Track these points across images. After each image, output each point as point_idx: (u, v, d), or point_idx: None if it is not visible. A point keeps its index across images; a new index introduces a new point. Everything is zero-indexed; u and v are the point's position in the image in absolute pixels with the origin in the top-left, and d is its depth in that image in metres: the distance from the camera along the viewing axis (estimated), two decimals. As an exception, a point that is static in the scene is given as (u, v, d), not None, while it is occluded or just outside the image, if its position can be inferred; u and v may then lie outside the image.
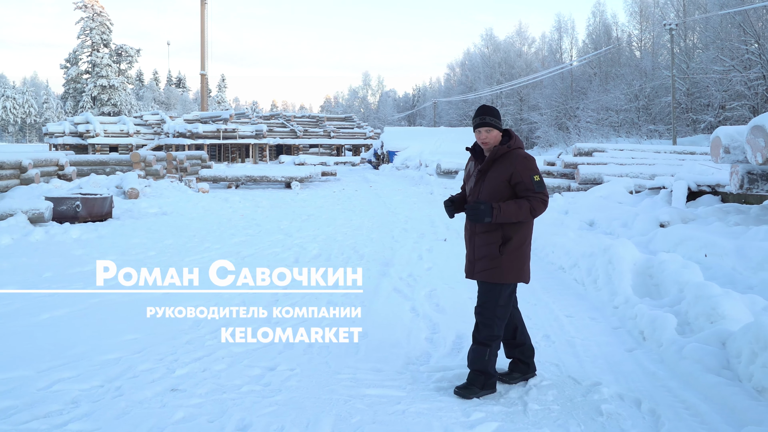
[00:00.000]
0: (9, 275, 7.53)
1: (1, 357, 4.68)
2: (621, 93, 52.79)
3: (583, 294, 6.83)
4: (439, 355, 4.86)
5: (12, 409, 3.80)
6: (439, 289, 7.03)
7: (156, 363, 4.65)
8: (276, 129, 57.07)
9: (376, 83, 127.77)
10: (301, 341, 5.15)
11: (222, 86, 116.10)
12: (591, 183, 16.64)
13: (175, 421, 3.69)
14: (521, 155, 4.01)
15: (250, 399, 4.01)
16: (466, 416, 3.77)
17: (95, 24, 74.32)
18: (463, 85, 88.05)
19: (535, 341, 5.19)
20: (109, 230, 11.40)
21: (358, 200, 18.76)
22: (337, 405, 3.92)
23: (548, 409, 3.89)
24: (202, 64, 68.00)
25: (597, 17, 67.48)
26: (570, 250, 8.02)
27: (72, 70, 75.12)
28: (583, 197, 13.75)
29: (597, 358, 4.84)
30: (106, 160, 22.23)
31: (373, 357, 4.77)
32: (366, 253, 9.30)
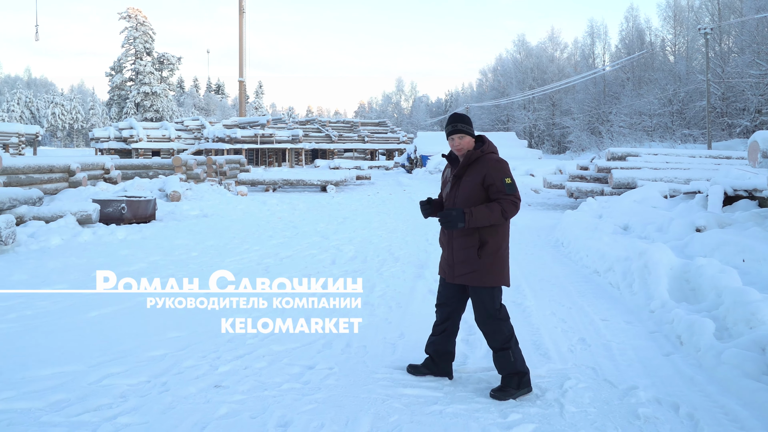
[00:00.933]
0: (60, 274, 7.73)
1: (53, 352, 4.80)
2: (654, 97, 51.85)
3: (619, 298, 6.72)
4: (475, 357, 4.84)
5: (64, 402, 3.91)
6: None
7: (199, 360, 4.72)
8: (311, 134, 57.51)
9: (409, 89, 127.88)
10: (339, 341, 5.18)
11: (259, 92, 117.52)
12: (625, 187, 16.36)
13: (219, 417, 3.74)
14: (494, 159, 4.04)
15: (290, 396, 4.04)
16: (503, 417, 3.75)
17: (138, 33, 75.86)
18: (496, 90, 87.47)
19: (570, 344, 5.14)
20: (153, 231, 11.61)
21: (393, 203, 18.78)
22: (375, 404, 3.93)
23: (585, 412, 3.83)
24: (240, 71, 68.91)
25: (630, 22, 66.48)
26: (605, 254, 7.90)
27: (117, 78, 76.78)
28: (617, 201, 13.53)
29: (633, 361, 4.76)
30: (149, 164, 22.68)
31: (410, 357, 4.77)
32: (401, 256, 9.30)
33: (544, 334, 5.43)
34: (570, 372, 4.51)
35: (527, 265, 8.61)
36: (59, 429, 3.53)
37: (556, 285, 7.40)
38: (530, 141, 73.13)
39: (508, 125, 79.28)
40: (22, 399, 3.92)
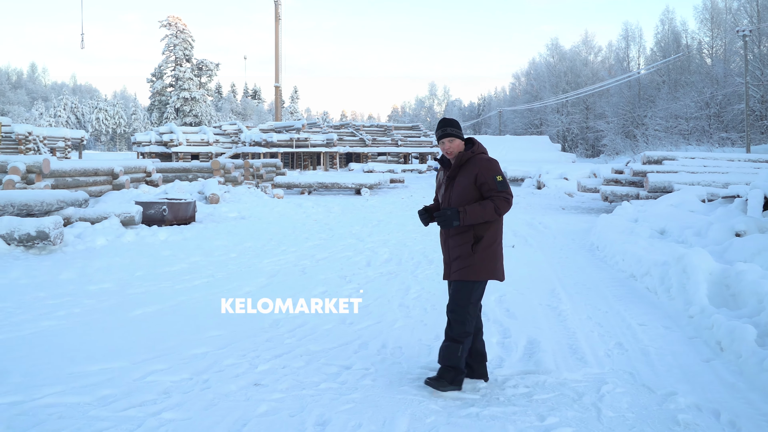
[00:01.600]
0: (105, 273, 7.91)
1: (100, 349, 4.91)
2: (691, 101, 50.73)
3: (656, 303, 6.59)
4: (511, 360, 4.80)
5: (111, 397, 3.99)
6: (509, 294, 6.93)
7: (239, 359, 4.78)
8: (346, 138, 57.77)
9: (442, 93, 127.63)
10: (375, 342, 5.19)
11: (295, 97, 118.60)
12: (661, 191, 16.04)
13: (259, 414, 3.78)
14: (484, 158, 4.12)
15: (327, 396, 4.06)
16: (540, 420, 3.70)
17: (178, 41, 77.29)
18: (529, 94, 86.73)
19: (607, 348, 5.06)
20: (194, 233, 11.79)
21: (426, 207, 18.74)
22: (411, 405, 3.92)
23: (623, 417, 3.77)
24: (276, 76, 69.66)
25: (666, 25, 65.20)
26: (641, 258, 7.76)
27: (157, 84, 78.33)
28: (653, 205, 13.27)
29: (672, 367, 4.66)
30: (188, 167, 23.06)
31: (445, 359, 4.75)
32: (435, 258, 9.26)
33: (580, 337, 5.35)
34: (607, 376, 4.44)
35: (562, 269, 8.50)
36: (106, 423, 3.61)
37: (591, 289, 7.29)
38: (564, 144, 72.29)
39: (541, 129, 78.49)
40: (71, 393, 4.02)
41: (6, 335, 5.22)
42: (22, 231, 9.22)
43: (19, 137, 45.23)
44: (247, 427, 3.59)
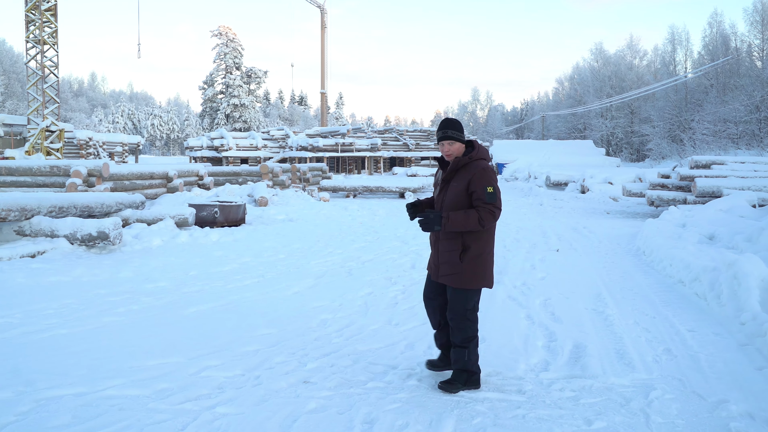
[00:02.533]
0: (161, 272, 8.12)
1: (158, 344, 5.04)
2: (740, 104, 48.99)
3: (706, 309, 6.38)
4: (558, 364, 4.72)
5: (168, 391, 4.09)
6: (554, 298, 6.82)
7: (289, 356, 4.84)
8: (389, 142, 57.87)
9: (485, 98, 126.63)
10: (421, 343, 5.18)
11: (340, 103, 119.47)
12: (709, 196, 15.53)
13: (308, 411, 3.82)
14: (480, 166, 4.02)
15: (374, 395, 4.07)
16: (587, 424, 3.63)
17: (229, 49, 78.83)
18: (572, 98, 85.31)
19: (655, 354, 4.93)
20: (244, 234, 11.99)
21: (469, 210, 18.61)
22: (458, 406, 3.90)
23: (672, 423, 3.66)
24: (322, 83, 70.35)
25: (714, 28, 63.17)
26: (690, 263, 7.52)
27: (209, 91, 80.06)
28: (701, 210, 12.87)
29: (723, 374, 4.50)
30: (238, 171, 23.49)
31: (492, 362, 4.71)
32: (479, 262, 9.19)
33: (627, 343, 5.22)
34: (655, 382, 4.32)
35: (607, 274, 8.32)
36: (164, 416, 3.70)
37: (638, 294, 7.11)
38: (608, 149, 70.76)
39: (584, 133, 77.06)
40: (131, 386, 4.14)
41: (71, 330, 5.42)
42: (84, 231, 9.54)
43: (81, 142, 46.88)
44: (297, 423, 3.63)
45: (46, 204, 10.03)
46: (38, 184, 15.39)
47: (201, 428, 3.54)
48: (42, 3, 37.65)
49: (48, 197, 10.28)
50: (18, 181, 15.58)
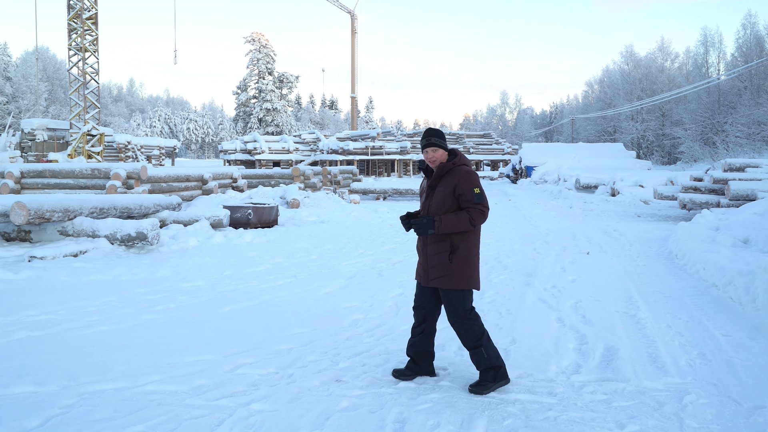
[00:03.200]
0: (197, 272, 8.24)
1: (194, 342, 5.12)
2: (775, 106, 47.66)
3: (741, 313, 6.21)
4: (589, 366, 4.64)
5: (205, 387, 4.15)
6: (585, 301, 6.72)
7: (321, 355, 4.86)
8: (419, 145, 57.83)
9: (514, 101, 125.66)
10: (452, 344, 5.15)
11: (370, 107, 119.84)
12: (743, 199, 15.12)
13: (341, 409, 3.82)
14: (464, 170, 4.12)
15: (406, 395, 4.06)
16: (620, 428, 3.57)
17: (261, 55, 79.76)
18: (602, 101, 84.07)
19: (689, 358, 4.82)
20: (276, 236, 12.10)
21: (499, 213, 18.47)
22: (489, 407, 3.86)
23: (707, 428, 3.57)
24: (353, 87, 70.63)
25: (748, 30, 61.65)
26: (724, 267, 7.34)
27: (242, 96, 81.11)
28: (735, 214, 12.53)
29: (760, 380, 4.38)
30: (270, 173, 23.72)
31: (523, 363, 4.66)
32: (509, 264, 9.12)
33: (660, 347, 5.12)
34: (689, 387, 4.22)
35: (639, 277, 8.17)
36: (201, 411, 3.75)
37: (671, 297, 6.96)
38: (638, 152, 69.56)
39: (614, 136, 75.85)
40: (169, 382, 4.21)
41: (111, 327, 5.53)
42: (124, 232, 9.74)
43: (120, 146, 47.85)
44: (330, 421, 3.64)
45: (87, 205, 10.27)
46: (80, 186, 15.77)
47: (236, 424, 3.58)
48: (83, 12, 38.57)
49: (89, 199, 10.52)
50: (61, 183, 15.98)
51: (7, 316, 5.83)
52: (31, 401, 3.82)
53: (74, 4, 38.24)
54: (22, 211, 9.08)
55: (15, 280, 7.44)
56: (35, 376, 4.23)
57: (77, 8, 38.11)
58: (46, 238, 9.95)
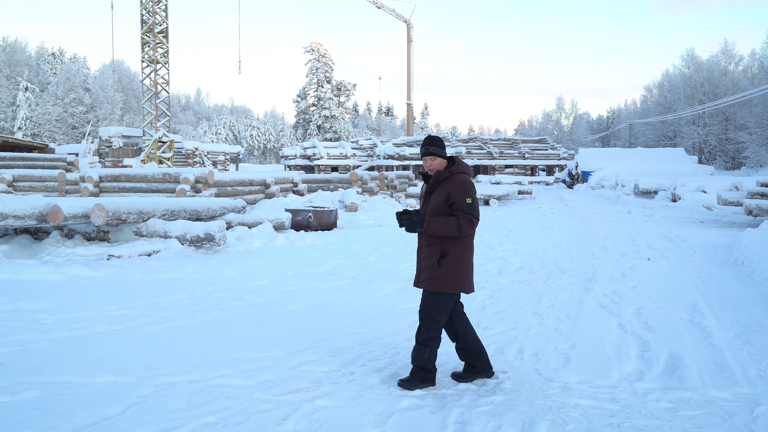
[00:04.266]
0: (261, 272, 8.41)
1: (260, 338, 5.22)
2: None
3: (815, 323, 5.86)
4: (653, 374, 4.48)
5: (271, 383, 4.22)
6: (647, 307, 6.49)
7: (381, 354, 4.87)
8: (473, 151, 57.38)
9: (570, 106, 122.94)
10: (511, 348, 5.08)
11: (425, 113, 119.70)
12: (815, 205, 14.29)
13: (402, 408, 3.82)
14: (459, 179, 4.16)
15: (467, 397, 4.02)
16: (688, 437, 3.43)
17: (320, 64, 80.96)
18: (661, 106, 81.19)
19: (759, 368, 4.59)
20: (336, 238, 12.22)
21: (555, 218, 18.08)
22: (551, 411, 3.78)
23: (782, 442, 3.38)
24: (408, 94, 70.72)
25: (819, 29, 58.12)
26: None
27: (302, 104, 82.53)
28: (807, 220, 11.85)
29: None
30: (329, 178, 24.01)
31: (584, 369, 4.54)
32: (567, 269, 8.91)
33: (728, 355, 4.88)
34: (761, 398, 4.01)
35: (703, 284, 7.82)
36: (267, 405, 3.82)
37: (738, 306, 6.63)
38: (700, 157, 66.80)
39: (675, 141, 73.11)
40: (238, 376, 4.31)
41: (183, 322, 5.72)
42: (193, 233, 10.06)
43: (188, 152, 49.47)
44: (391, 420, 3.64)
45: (160, 208, 10.66)
46: (152, 190, 16.39)
47: (302, 419, 3.63)
48: (155, 26, 40.15)
49: (162, 202, 10.92)
50: (135, 186, 16.66)
51: (90, 310, 6.12)
52: (111, 390, 3.99)
53: (147, 19, 39.86)
54: (102, 213, 9.50)
55: (95, 276, 7.80)
56: (115, 366, 4.41)
57: (150, 23, 39.71)
58: (122, 238, 10.39)
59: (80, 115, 78.30)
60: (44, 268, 8.02)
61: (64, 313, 5.96)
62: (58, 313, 5.96)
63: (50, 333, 5.30)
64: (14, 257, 9.15)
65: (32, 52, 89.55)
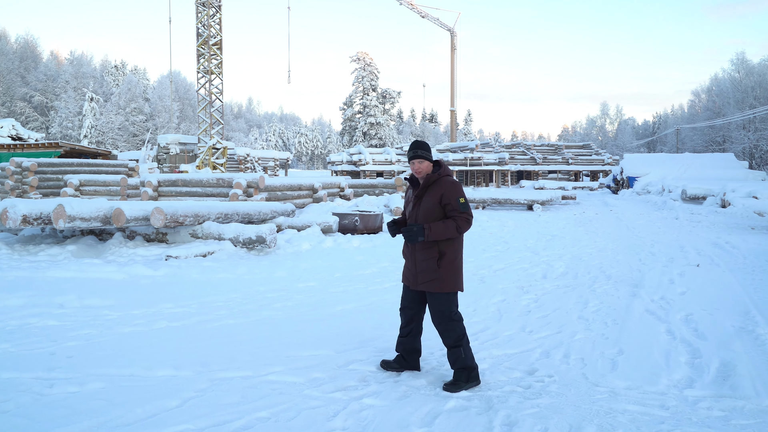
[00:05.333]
0: (310, 273, 8.50)
1: (309, 337, 5.27)
2: None
3: None
4: (703, 381, 4.32)
5: (320, 380, 4.26)
6: (697, 314, 6.26)
7: (427, 356, 4.85)
8: (517, 156, 56.63)
9: (615, 112, 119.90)
10: (557, 352, 4.98)
11: (468, 120, 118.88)
12: None
13: (448, 409, 3.79)
14: (449, 181, 4.22)
15: (513, 399, 3.97)
16: (741, 447, 3.29)
17: (366, 73, 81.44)
18: (710, 111, 78.34)
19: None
20: (381, 241, 12.24)
21: (600, 223, 17.65)
22: (598, 415, 3.69)
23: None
24: (452, 101, 70.42)
25: None
26: None
27: (348, 111, 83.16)
28: None
29: None
30: (375, 183, 24.09)
31: (632, 375, 4.41)
32: (613, 274, 8.68)
33: (784, 365, 4.66)
34: (821, 409, 3.81)
35: (755, 292, 7.48)
36: (317, 402, 3.86)
37: (793, 314, 6.32)
38: (751, 162, 64.11)
39: (724, 146, 70.42)
40: (289, 374, 4.36)
41: (236, 320, 5.83)
42: (246, 235, 10.25)
43: (240, 158, 50.51)
44: (438, 420, 3.62)
45: (214, 211, 10.92)
46: (207, 194, 16.80)
47: (350, 416, 3.65)
48: (210, 39, 41.19)
49: (216, 205, 11.18)
50: (191, 191, 17.11)
51: (150, 307, 6.31)
52: (170, 384, 4.10)
53: (202, 32, 40.96)
54: (161, 216, 9.80)
55: (155, 276, 8.04)
56: (174, 361, 4.54)
57: (205, 36, 40.80)
58: (179, 239, 10.68)
59: (140, 124, 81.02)
60: (108, 267, 8.32)
61: (126, 310, 6.17)
62: (121, 310, 6.17)
63: (114, 328, 5.49)
64: (81, 257, 9.53)
65: (97, 64, 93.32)
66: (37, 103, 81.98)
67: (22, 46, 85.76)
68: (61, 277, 7.79)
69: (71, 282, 7.46)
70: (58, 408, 3.66)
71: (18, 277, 7.70)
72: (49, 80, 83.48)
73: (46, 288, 7.01)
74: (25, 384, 4.05)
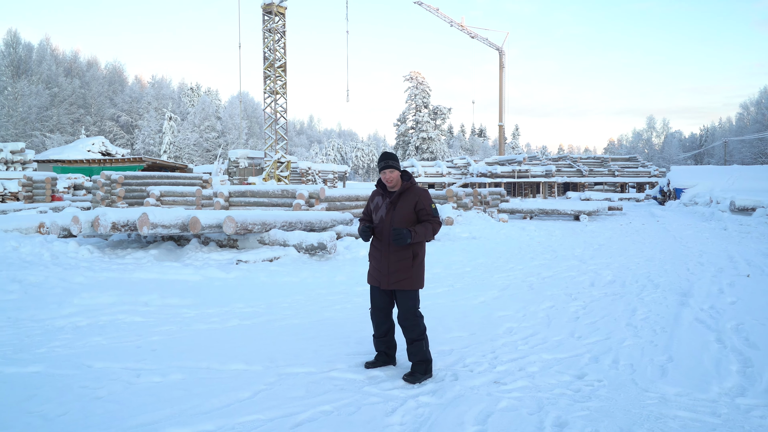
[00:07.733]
0: (365, 279, 8.54)
1: (368, 338, 5.28)
2: None
3: None
4: (756, 390, 4.09)
5: (378, 378, 4.27)
6: (748, 323, 5.94)
7: (480, 358, 4.80)
8: (563, 169, 55.32)
9: (661, 125, 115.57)
10: (606, 357, 4.83)
11: (516, 134, 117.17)
12: None
13: (501, 409, 3.74)
14: (421, 189, 4.42)
15: (563, 401, 3.87)
16: (797, 457, 3.10)
17: (418, 91, 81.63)
18: (759, 123, 74.48)
19: None
20: (434, 249, 12.19)
21: (647, 233, 17.01)
22: (648, 420, 3.56)
23: None
24: (500, 116, 69.64)
25: None
26: None
27: (401, 127, 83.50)
28: None
29: None
30: (427, 194, 24.05)
31: (681, 382, 4.23)
32: (661, 283, 8.35)
33: (840, 376, 4.36)
34: None
35: (810, 302, 7.03)
36: (376, 399, 3.88)
37: None
38: (801, 174, 60.31)
39: (773, 158, 66.67)
40: (349, 371, 4.40)
41: (301, 320, 5.94)
42: (308, 242, 10.44)
43: (302, 171, 51.47)
44: (491, 418, 3.58)
45: (280, 220, 11.17)
46: (272, 204, 17.20)
47: (407, 413, 3.65)
48: (275, 62, 42.26)
49: (281, 214, 11.43)
50: (258, 201, 17.56)
51: (223, 306, 6.51)
52: (242, 377, 4.22)
53: (268, 56, 42.10)
54: (232, 224, 10.10)
55: (227, 278, 8.29)
56: (245, 356, 4.66)
57: (270, 59, 41.92)
58: (248, 245, 10.97)
59: (213, 140, 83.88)
60: (186, 270, 8.64)
61: (202, 309, 6.39)
62: (198, 309, 6.40)
63: (192, 325, 5.69)
64: (162, 260, 9.94)
65: (175, 87, 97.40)
66: (123, 122, 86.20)
67: (110, 71, 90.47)
68: (145, 278, 8.14)
69: (154, 283, 7.79)
70: (145, 396, 3.83)
71: (108, 277, 8.10)
72: (134, 101, 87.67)
73: (133, 288, 7.34)
74: (116, 373, 4.25)
